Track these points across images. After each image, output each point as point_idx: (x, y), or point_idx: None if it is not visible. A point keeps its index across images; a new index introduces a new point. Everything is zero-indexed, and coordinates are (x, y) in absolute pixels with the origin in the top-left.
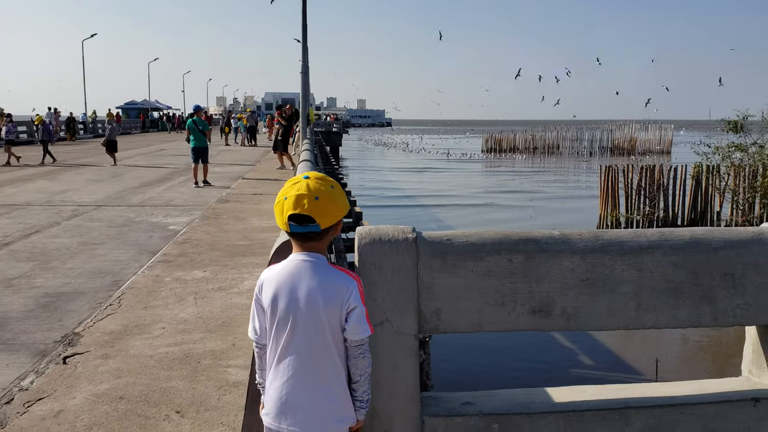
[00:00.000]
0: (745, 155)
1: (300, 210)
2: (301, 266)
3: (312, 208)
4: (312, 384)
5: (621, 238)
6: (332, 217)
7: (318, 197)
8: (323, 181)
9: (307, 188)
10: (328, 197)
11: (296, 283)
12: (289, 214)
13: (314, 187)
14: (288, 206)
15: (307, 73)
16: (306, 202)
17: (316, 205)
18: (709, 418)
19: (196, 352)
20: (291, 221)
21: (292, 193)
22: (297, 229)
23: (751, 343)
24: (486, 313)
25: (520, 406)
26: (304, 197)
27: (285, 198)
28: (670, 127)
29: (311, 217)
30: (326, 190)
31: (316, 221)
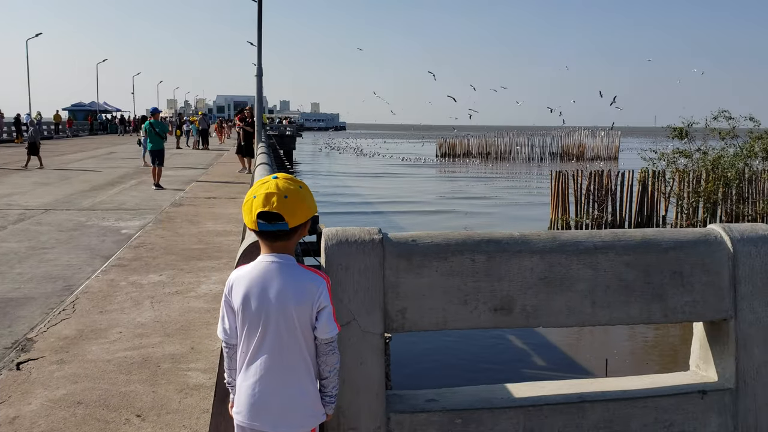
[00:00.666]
0: (690, 161)
1: (269, 208)
2: (271, 267)
3: (281, 206)
4: (284, 381)
5: (577, 238)
6: (300, 217)
7: (287, 196)
8: (292, 181)
9: (276, 187)
10: (297, 196)
11: (267, 283)
12: (258, 212)
13: (283, 186)
14: (257, 204)
15: (262, 75)
16: (275, 200)
17: (285, 203)
18: (660, 411)
19: (155, 356)
20: (260, 219)
21: (262, 191)
22: (265, 227)
23: (698, 339)
24: (450, 311)
25: (482, 401)
26: (273, 195)
27: (254, 196)
28: (617, 134)
29: (280, 215)
30: (295, 190)
31: (284, 219)
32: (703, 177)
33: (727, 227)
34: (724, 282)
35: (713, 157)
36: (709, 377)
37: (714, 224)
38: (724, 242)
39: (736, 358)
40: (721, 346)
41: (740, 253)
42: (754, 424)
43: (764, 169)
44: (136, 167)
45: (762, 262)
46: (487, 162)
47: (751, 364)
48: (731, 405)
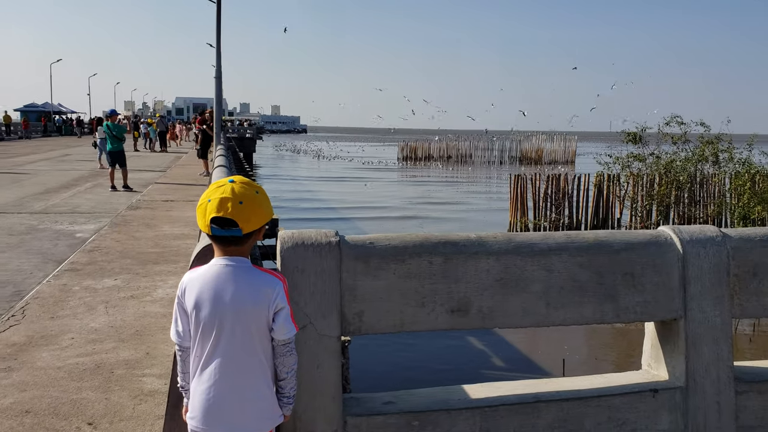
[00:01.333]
0: (643, 165)
1: (223, 213)
2: (225, 270)
3: (235, 212)
4: (240, 384)
5: (532, 240)
6: (255, 223)
7: (242, 201)
8: (248, 185)
9: (231, 192)
10: (253, 202)
11: (221, 286)
12: (211, 217)
13: (239, 191)
14: (211, 209)
15: (221, 77)
16: (230, 206)
17: (240, 209)
18: (613, 409)
19: (109, 362)
20: (213, 224)
21: (216, 195)
22: (219, 232)
23: (650, 339)
24: (407, 313)
25: (439, 403)
26: (228, 201)
27: (209, 200)
28: (574, 138)
29: (234, 221)
30: (251, 195)
31: (238, 225)
32: (656, 180)
33: (676, 229)
34: (674, 282)
35: (666, 162)
36: (660, 376)
37: (664, 226)
38: (674, 244)
39: (686, 357)
40: (671, 345)
41: (689, 254)
42: (703, 422)
43: (714, 173)
44: (92, 170)
45: (710, 263)
46: (449, 165)
47: (701, 363)
48: (681, 403)
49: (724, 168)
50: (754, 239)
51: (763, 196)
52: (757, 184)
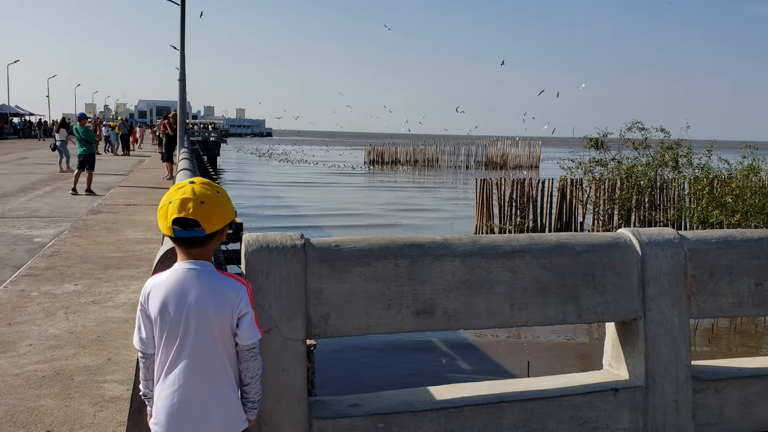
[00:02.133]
0: (605, 170)
1: (185, 214)
2: (189, 274)
3: (197, 212)
4: (204, 390)
5: (496, 242)
6: (217, 222)
7: (203, 201)
8: (209, 186)
9: (192, 192)
10: (214, 202)
11: (185, 291)
12: (173, 218)
13: (200, 192)
14: (172, 210)
15: (185, 80)
16: (191, 206)
17: (202, 209)
18: (576, 409)
19: (69, 368)
20: (175, 225)
21: (177, 197)
22: (181, 233)
23: (610, 339)
24: (373, 316)
25: (405, 405)
26: (189, 201)
27: (169, 202)
28: (538, 144)
29: (196, 221)
30: (212, 195)
31: (201, 225)
32: (617, 185)
33: (635, 231)
34: (634, 283)
35: (627, 166)
36: (621, 375)
37: (624, 228)
38: (633, 245)
39: (646, 356)
40: (631, 345)
41: (648, 255)
42: (662, 420)
43: (674, 177)
44: (52, 173)
45: (668, 264)
46: (416, 170)
47: (659, 362)
48: (642, 401)
49: (683, 173)
50: (710, 241)
51: (721, 201)
52: (716, 188)
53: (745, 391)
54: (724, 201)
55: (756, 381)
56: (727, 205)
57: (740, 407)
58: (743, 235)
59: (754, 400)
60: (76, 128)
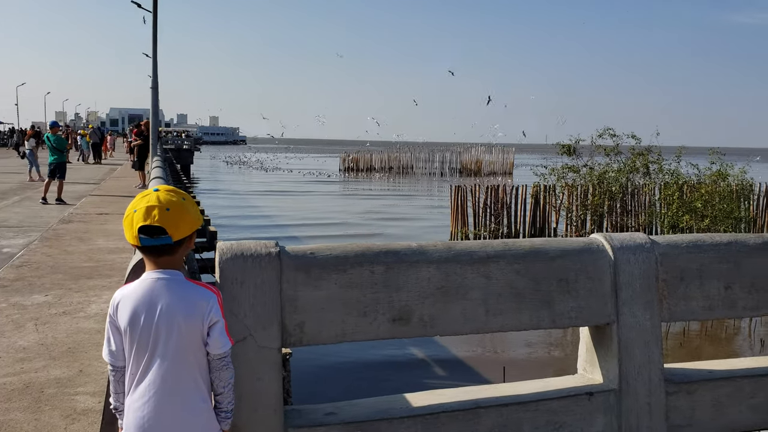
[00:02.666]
0: (578, 176)
1: (150, 221)
2: (158, 284)
3: (163, 219)
4: (175, 402)
5: (471, 248)
6: (185, 229)
7: (169, 208)
8: (174, 192)
9: (157, 200)
10: (180, 208)
11: (154, 301)
12: (139, 226)
13: (165, 199)
14: (138, 218)
15: (157, 87)
16: (156, 213)
17: (168, 216)
18: (551, 413)
19: (39, 381)
20: (141, 234)
21: (142, 204)
22: (148, 242)
23: (584, 343)
24: (349, 323)
25: (381, 412)
26: (155, 208)
27: (134, 210)
28: (511, 150)
29: (163, 228)
30: (178, 202)
31: (167, 233)
32: (590, 191)
33: (608, 236)
34: (607, 288)
35: (599, 173)
36: (595, 379)
37: (596, 233)
38: (605, 250)
39: (619, 360)
40: (605, 349)
41: (620, 260)
42: (636, 423)
43: (645, 183)
44: (21, 182)
45: (640, 268)
46: (391, 177)
47: (633, 366)
48: (616, 405)
49: (654, 179)
50: (681, 245)
51: (690, 206)
52: (685, 194)
53: (716, 393)
54: (693, 206)
55: (726, 383)
56: (697, 210)
57: (711, 409)
58: (712, 239)
59: (725, 402)
60: (47, 136)
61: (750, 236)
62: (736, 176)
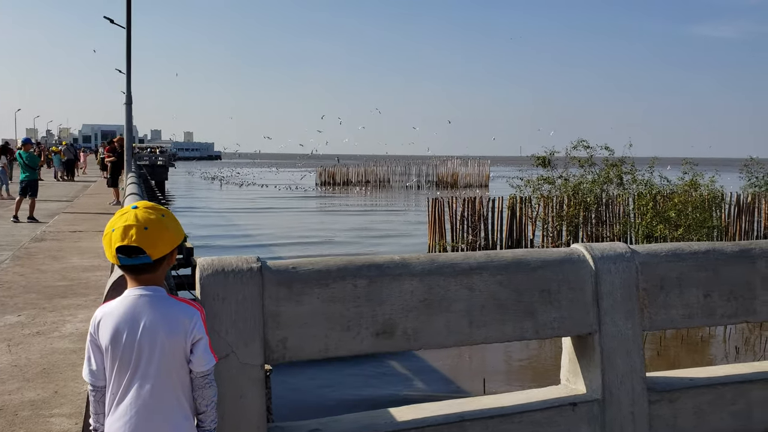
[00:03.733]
0: (553, 187)
1: (128, 241)
2: (140, 301)
3: (141, 239)
4: (157, 420)
5: (453, 260)
6: (163, 248)
7: (147, 227)
8: (153, 210)
9: (135, 218)
10: (158, 226)
11: (136, 318)
12: (116, 246)
13: (143, 217)
14: (116, 238)
15: (131, 103)
16: (134, 233)
17: (145, 235)
18: (535, 424)
19: (12, 403)
20: (120, 254)
21: (120, 224)
22: (127, 261)
23: (567, 354)
24: (332, 338)
25: (365, 428)
26: (132, 228)
27: (112, 230)
28: (487, 163)
29: (141, 248)
30: (156, 219)
31: (146, 252)
32: (565, 202)
33: (589, 246)
34: (588, 298)
35: (574, 184)
36: (579, 390)
37: (577, 244)
38: (586, 260)
39: (602, 370)
40: (587, 359)
41: (601, 270)
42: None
43: (619, 194)
44: None
45: (621, 278)
46: (368, 191)
47: (615, 375)
48: (599, 415)
49: (627, 189)
50: (660, 254)
51: (664, 215)
52: (659, 203)
53: (698, 401)
54: (667, 216)
55: (707, 390)
56: (671, 219)
57: (693, 417)
58: (691, 248)
59: (707, 410)
60: (19, 153)
61: (727, 244)
62: (706, 185)
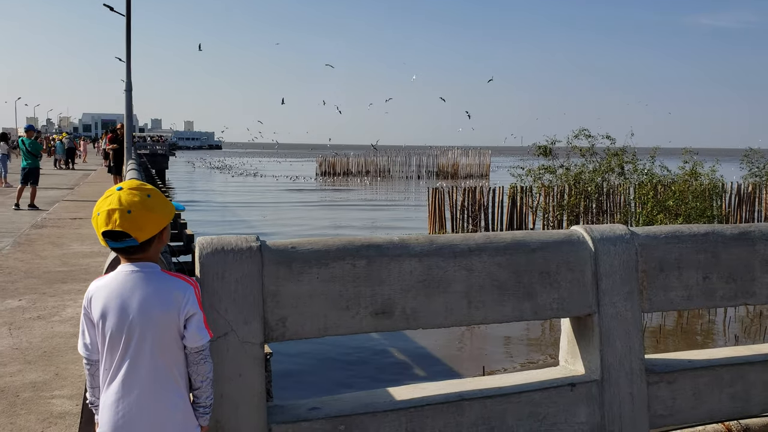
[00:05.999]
0: (554, 177)
1: (112, 226)
2: (132, 276)
3: (124, 223)
4: (151, 397)
5: (452, 241)
6: (150, 229)
7: (131, 210)
8: (138, 191)
9: (118, 202)
10: (143, 208)
11: (129, 293)
12: (101, 231)
13: (126, 200)
14: (101, 222)
15: (131, 90)
16: (117, 217)
17: (129, 219)
18: (534, 405)
19: (14, 385)
20: (106, 237)
21: (104, 208)
22: (114, 245)
23: (566, 335)
24: (331, 317)
25: (365, 406)
26: (115, 212)
27: (98, 213)
28: (488, 153)
29: (126, 232)
30: (140, 202)
31: (132, 236)
32: (566, 191)
33: (588, 228)
34: (587, 279)
35: (575, 173)
36: (577, 370)
37: (577, 226)
38: (586, 242)
39: (601, 351)
40: (586, 340)
41: (601, 251)
42: (618, 412)
43: (620, 183)
44: None
45: (620, 259)
46: (370, 181)
47: (614, 356)
48: (598, 395)
49: (629, 178)
50: (660, 237)
51: (664, 204)
52: (659, 193)
53: (696, 383)
54: (667, 204)
55: (706, 372)
56: (670, 208)
57: (692, 398)
58: (690, 230)
59: (705, 391)
60: (22, 140)
61: (727, 227)
62: (706, 175)
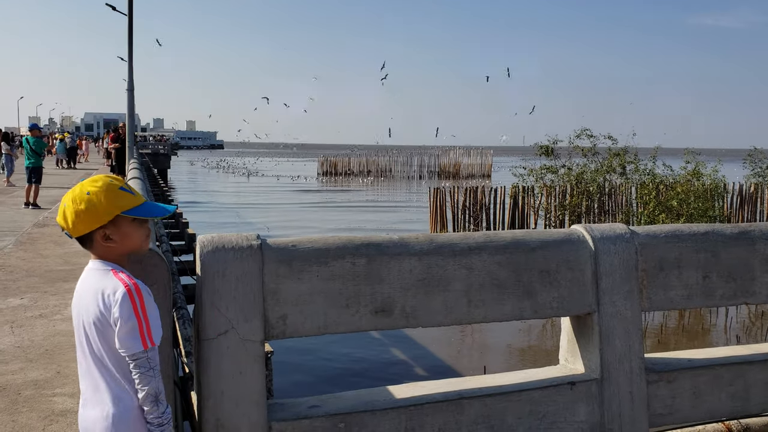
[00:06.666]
0: (556, 177)
1: (58, 218)
2: (87, 275)
3: (60, 216)
4: (89, 401)
5: (452, 240)
6: (81, 227)
7: (67, 204)
8: (89, 183)
9: (69, 194)
10: (73, 204)
11: (81, 291)
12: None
13: (71, 194)
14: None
15: (133, 89)
16: (60, 209)
17: (64, 213)
18: (534, 403)
19: (15, 383)
20: None
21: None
22: (68, 235)
23: (566, 333)
24: (331, 315)
25: (364, 404)
26: (62, 205)
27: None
28: (489, 153)
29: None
30: (77, 197)
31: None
32: (568, 191)
33: (588, 227)
34: (587, 278)
35: (577, 173)
36: (577, 369)
37: (577, 225)
38: (586, 241)
39: (600, 349)
40: (586, 339)
41: (601, 250)
42: (618, 411)
43: (622, 183)
44: None
45: (620, 258)
46: (370, 181)
47: (614, 355)
48: (597, 394)
49: (630, 178)
50: (659, 236)
51: (666, 205)
52: (661, 193)
53: (696, 382)
54: (669, 205)
55: (705, 371)
56: (673, 208)
57: (691, 397)
58: (690, 229)
59: (704, 390)
60: (26, 139)
61: (727, 226)
62: (708, 175)
